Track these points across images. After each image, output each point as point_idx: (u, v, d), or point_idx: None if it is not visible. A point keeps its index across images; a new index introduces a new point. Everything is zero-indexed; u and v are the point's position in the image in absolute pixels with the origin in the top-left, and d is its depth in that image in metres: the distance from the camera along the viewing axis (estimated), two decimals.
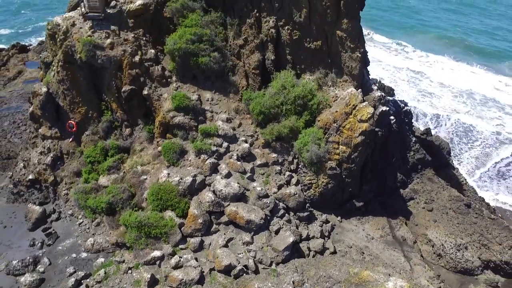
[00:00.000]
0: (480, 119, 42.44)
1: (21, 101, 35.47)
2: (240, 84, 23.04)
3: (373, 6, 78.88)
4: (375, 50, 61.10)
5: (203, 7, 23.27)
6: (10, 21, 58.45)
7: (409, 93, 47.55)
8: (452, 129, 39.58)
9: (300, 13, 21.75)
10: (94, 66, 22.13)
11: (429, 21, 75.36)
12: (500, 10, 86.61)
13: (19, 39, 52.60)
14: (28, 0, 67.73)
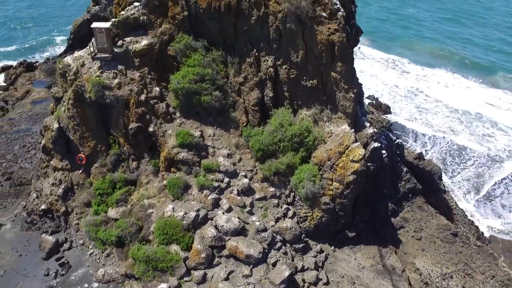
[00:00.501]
0: (473, 136, 43.60)
1: (30, 123, 36.95)
2: (240, 120, 24.41)
3: (371, 15, 79.94)
4: (372, 63, 62.26)
5: (205, 45, 24.62)
6: (14, 37, 59.51)
7: (406, 109, 48.62)
8: (446, 148, 40.78)
9: (297, 54, 23.06)
10: (103, 104, 23.56)
11: (426, 32, 76.15)
12: (496, 18, 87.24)
13: (24, 55, 53.93)
14: (30, 15, 68.71)
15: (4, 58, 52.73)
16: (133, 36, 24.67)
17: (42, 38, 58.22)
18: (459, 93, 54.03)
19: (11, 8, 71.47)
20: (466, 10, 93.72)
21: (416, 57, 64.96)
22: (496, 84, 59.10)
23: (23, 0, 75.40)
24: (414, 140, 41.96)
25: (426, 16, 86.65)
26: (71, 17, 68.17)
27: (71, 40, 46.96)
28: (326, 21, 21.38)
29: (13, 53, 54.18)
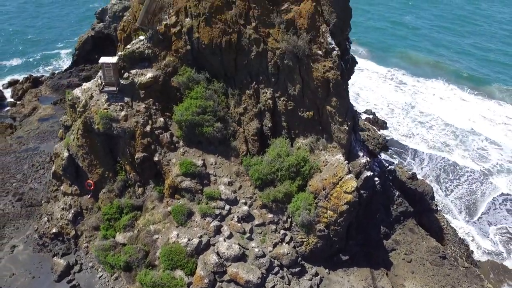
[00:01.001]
0: (467, 152, 44.75)
1: (37, 141, 38.28)
2: (240, 149, 25.73)
3: (369, 25, 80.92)
4: (370, 74, 63.40)
5: (207, 77, 25.90)
6: (18, 50, 60.31)
7: (402, 124, 49.69)
8: (440, 165, 41.88)
9: (294, 87, 24.33)
10: (110, 135, 24.92)
11: (423, 41, 77.13)
12: (493, 26, 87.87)
13: (29, 68, 55.00)
14: (34, 28, 69.58)
15: (10, 72, 53.73)
16: (138, 69, 26.03)
17: (46, 52, 59.11)
18: (454, 106, 55.20)
19: (15, 22, 72.26)
20: (464, 17, 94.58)
21: (412, 68, 66.07)
22: (491, 95, 60.18)
23: (25, 13, 76.09)
24: (409, 157, 43.01)
25: (423, 24, 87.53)
26: (75, 30, 69.56)
27: (76, 56, 48.21)
28: (321, 59, 22.66)
29: (18, 67, 55.17)
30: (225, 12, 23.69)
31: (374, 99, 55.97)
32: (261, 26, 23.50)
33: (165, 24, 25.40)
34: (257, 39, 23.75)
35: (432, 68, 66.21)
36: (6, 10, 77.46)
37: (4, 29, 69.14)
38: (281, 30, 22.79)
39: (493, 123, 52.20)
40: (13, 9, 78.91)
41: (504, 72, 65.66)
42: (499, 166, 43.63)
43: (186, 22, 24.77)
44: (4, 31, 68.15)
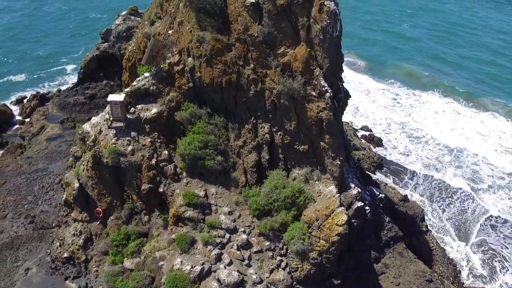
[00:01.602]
0: (460, 169, 46.30)
1: (46, 161, 40.05)
2: (239, 179, 27.40)
3: (366, 38, 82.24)
4: (367, 87, 64.95)
5: (208, 112, 27.54)
6: (23, 65, 61.61)
7: (397, 140, 51.21)
8: (433, 184, 43.38)
9: (290, 123, 25.94)
10: (118, 168, 26.61)
11: (420, 52, 78.59)
12: (489, 36, 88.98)
13: (34, 84, 56.67)
14: (38, 43, 70.89)
15: (16, 88, 55.34)
16: (144, 104, 27.71)
17: (52, 68, 60.72)
18: (449, 120, 56.83)
19: (19, 37, 73.34)
20: (461, 25, 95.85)
21: (409, 80, 67.83)
22: (486, 107, 61.79)
23: (28, 28, 77.23)
24: (403, 175, 44.54)
25: (420, 34, 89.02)
26: (79, 45, 71.12)
27: (81, 74, 49.76)
28: (315, 100, 24.26)
29: (24, 83, 56.78)
30: (225, 54, 25.30)
31: (372, 113, 57.64)
32: (259, 67, 25.11)
33: (169, 62, 27.04)
34: (255, 79, 25.37)
35: (428, 80, 67.98)
36: (7, 26, 78.71)
37: (7, 44, 70.35)
38: (278, 72, 24.44)
39: (486, 137, 53.78)
40: (15, 24, 79.99)
41: (498, 86, 67.16)
42: (491, 184, 45.19)
43: (189, 62, 26.41)
44: (7, 46, 69.43)
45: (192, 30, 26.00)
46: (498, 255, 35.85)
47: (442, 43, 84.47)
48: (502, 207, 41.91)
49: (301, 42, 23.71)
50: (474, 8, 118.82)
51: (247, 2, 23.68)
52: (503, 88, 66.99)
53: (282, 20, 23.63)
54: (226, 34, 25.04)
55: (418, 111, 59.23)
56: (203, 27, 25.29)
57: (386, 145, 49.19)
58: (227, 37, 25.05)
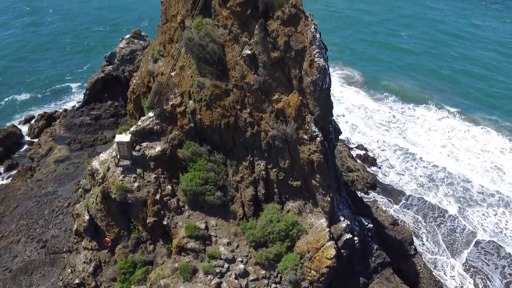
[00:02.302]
0: (451, 187, 48.07)
1: (55, 184, 42.16)
2: (238, 212, 29.47)
3: (363, 50, 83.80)
4: (362, 102, 66.69)
5: (209, 149, 29.55)
6: (29, 84, 63.34)
7: (392, 158, 53.10)
8: (423, 205, 45.25)
9: (284, 162, 27.94)
10: (126, 203, 28.69)
11: (415, 65, 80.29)
12: (485, 52, 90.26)
13: (40, 103, 58.74)
14: (42, 60, 72.61)
15: (23, 107, 57.35)
16: (148, 142, 29.74)
17: (57, 86, 62.67)
18: (441, 137, 58.58)
19: (22, 55, 74.64)
20: (456, 36, 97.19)
21: (403, 95, 69.48)
22: (478, 122, 63.53)
23: (30, 46, 78.55)
24: (395, 195, 46.47)
25: (415, 46, 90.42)
26: (83, 61, 72.93)
27: (87, 96, 51.78)
28: (307, 143, 26.24)
29: (31, 102, 58.75)
30: (224, 99, 27.28)
31: (368, 129, 59.49)
32: (255, 111, 27.08)
33: (171, 104, 29.05)
34: (251, 122, 27.35)
35: (422, 94, 69.83)
36: (8, 43, 79.89)
37: (10, 62, 71.63)
38: (272, 117, 26.41)
39: (478, 155, 55.58)
40: (15, 41, 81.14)
41: (490, 101, 68.66)
42: (481, 202, 47.07)
43: (190, 105, 28.42)
44: (10, 65, 70.79)
45: (193, 75, 27.98)
46: (483, 274, 37.97)
47: (436, 55, 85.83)
48: (491, 227, 43.76)
49: (294, 90, 25.67)
50: (470, 16, 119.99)
51: (244, 53, 25.62)
52: (495, 103, 68.56)
53: (276, 70, 25.59)
54: (225, 81, 27.02)
55: (412, 127, 61.03)
56: (203, 74, 27.27)
57: (381, 164, 51.13)
58: (225, 84, 27.03)
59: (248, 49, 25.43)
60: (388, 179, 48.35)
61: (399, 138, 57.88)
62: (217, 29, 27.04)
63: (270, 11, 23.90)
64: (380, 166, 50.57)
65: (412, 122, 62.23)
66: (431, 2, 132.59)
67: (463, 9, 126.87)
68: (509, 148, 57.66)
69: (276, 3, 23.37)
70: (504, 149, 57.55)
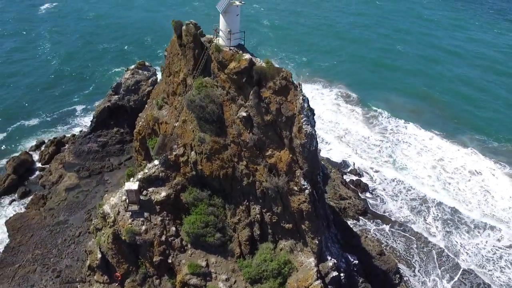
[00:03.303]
0: (440, 212, 50.70)
1: (66, 213, 45.21)
2: (235, 250, 32.50)
3: (357, 71, 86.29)
4: (355, 121, 69.45)
5: (209, 194, 32.53)
6: (35, 108, 65.63)
7: (383, 182, 55.71)
8: (413, 232, 47.99)
9: (277, 207, 30.92)
10: (135, 243, 31.75)
11: (408, 80, 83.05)
12: (478, 71, 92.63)
13: (48, 127, 61.38)
14: (44, 84, 74.33)
15: (31, 132, 60.00)
16: (154, 187, 32.75)
17: (63, 109, 65.31)
18: (431, 160, 61.27)
19: (26, 79, 76.25)
20: (447, 51, 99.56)
21: (396, 113, 72.10)
22: (465, 144, 66.15)
23: (33, 68, 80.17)
24: (385, 222, 49.12)
25: (407, 61, 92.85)
26: (89, 83, 75.55)
27: (94, 123, 54.63)
28: (297, 193, 29.21)
29: (38, 127, 61.43)
30: (222, 152, 30.22)
31: (362, 152, 62.08)
32: (251, 164, 30.02)
33: (175, 154, 32.00)
34: (247, 173, 30.30)
35: (413, 114, 72.33)
36: (15, 71, 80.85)
37: (15, 84, 73.62)
38: (265, 170, 29.34)
39: (466, 179, 58.20)
40: (17, 62, 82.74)
41: (478, 123, 71.33)
42: (467, 231, 49.61)
43: (192, 156, 31.37)
44: (15, 86, 72.87)
45: (194, 130, 30.89)
46: None
47: (427, 74, 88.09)
48: (480, 255, 46.09)
49: (285, 147, 28.60)
50: (464, 28, 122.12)
51: (240, 114, 28.53)
52: (482, 124, 70.92)
53: (269, 130, 28.49)
54: (223, 137, 29.95)
55: (403, 149, 63.60)
56: (203, 130, 30.19)
57: (373, 188, 53.85)
58: (223, 139, 29.97)
59: (244, 111, 28.35)
60: (379, 205, 51.19)
61: (389, 163, 60.10)
62: (216, 88, 29.96)
63: (263, 81, 26.78)
64: (372, 190, 53.43)
65: (403, 143, 64.91)
66: (424, 13, 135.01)
67: (457, 20, 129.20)
68: (498, 172, 60.23)
69: (268, 75, 26.24)
70: (493, 171, 60.12)
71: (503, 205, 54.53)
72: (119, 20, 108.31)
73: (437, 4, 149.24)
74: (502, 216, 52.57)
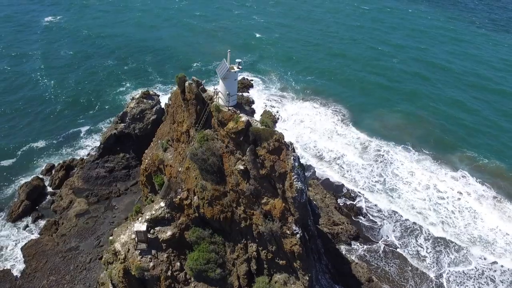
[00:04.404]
0: (427, 242, 53.45)
1: (77, 240, 48.51)
2: (234, 284, 35.80)
3: (350, 91, 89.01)
4: (347, 145, 72.29)
5: (210, 232, 35.75)
6: (41, 131, 68.42)
7: (374, 208, 58.46)
8: (402, 258, 50.89)
9: (272, 247, 34.16)
10: (143, 278, 35.05)
11: (400, 99, 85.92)
12: (476, 80, 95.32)
13: (56, 149, 64.35)
14: (49, 104, 77.08)
15: (40, 155, 63.06)
16: (161, 226, 35.99)
17: (69, 131, 68.30)
18: (417, 183, 64.04)
19: (32, 99, 78.54)
20: (441, 67, 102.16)
21: (387, 134, 74.99)
22: (454, 165, 69.05)
23: (37, 91, 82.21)
24: (376, 247, 52.02)
25: (398, 79, 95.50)
26: (94, 103, 78.29)
27: (101, 149, 57.76)
28: (289, 236, 32.42)
29: (46, 149, 64.41)
30: (222, 199, 33.41)
31: (357, 174, 65.07)
32: (248, 209, 33.22)
33: (179, 198, 35.19)
34: (245, 217, 33.51)
35: (403, 134, 75.31)
36: (20, 97, 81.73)
37: (21, 107, 75.92)
38: (261, 216, 32.52)
39: (455, 202, 61.01)
40: (22, 84, 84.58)
41: (468, 140, 74.33)
42: (449, 265, 52.56)
43: (195, 200, 34.57)
44: (21, 109, 75.24)
45: (197, 177, 34.06)
46: None
47: (418, 93, 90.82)
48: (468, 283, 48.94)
49: (279, 197, 31.76)
50: (459, 40, 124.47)
51: (238, 167, 31.66)
52: (473, 143, 73.78)
53: (264, 181, 31.64)
54: (223, 185, 33.12)
55: (393, 169, 66.61)
56: (205, 178, 33.34)
57: (365, 212, 56.92)
58: (223, 187, 33.14)
59: (241, 165, 31.49)
60: (372, 228, 54.36)
61: (380, 184, 63.09)
62: (216, 141, 33.08)
63: (259, 141, 29.88)
64: (365, 214, 56.53)
65: (395, 163, 67.90)
66: (421, 23, 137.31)
67: (454, 32, 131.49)
68: (488, 193, 63.25)
69: (263, 136, 29.33)
70: (482, 194, 63.11)
71: (490, 225, 57.59)
72: (121, 39, 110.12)
73: (433, 13, 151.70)
74: (489, 236, 55.63)
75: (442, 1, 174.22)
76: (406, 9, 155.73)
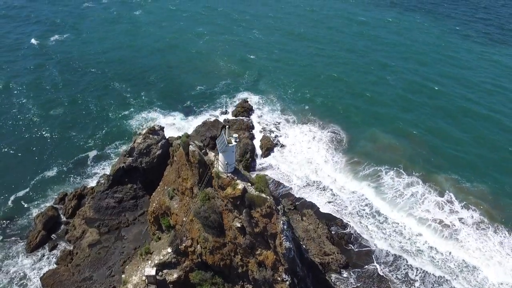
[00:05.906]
0: (419, 275, 58.51)
1: (91, 270, 53.25)
2: None
3: (348, 109, 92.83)
4: (340, 169, 76.41)
5: (212, 274, 40.44)
6: (50, 158, 72.68)
7: (367, 233, 63.21)
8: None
9: None
10: None
11: (391, 119, 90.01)
12: (468, 93, 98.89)
13: (67, 178, 68.75)
14: (55, 131, 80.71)
15: (51, 184, 67.40)
16: (168, 269, 40.71)
17: (78, 156, 72.89)
18: (409, 208, 68.30)
19: (37, 130, 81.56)
20: (435, 82, 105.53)
21: (377, 157, 78.90)
22: (442, 187, 73.13)
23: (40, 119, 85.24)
24: (365, 274, 56.54)
25: (391, 95, 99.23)
26: (99, 127, 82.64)
27: (111, 181, 62.28)
28: (280, 282, 37.11)
29: (57, 178, 68.93)
30: (222, 249, 38.08)
31: (348, 200, 69.32)
32: (244, 258, 37.88)
33: (184, 245, 39.85)
34: (241, 264, 38.21)
35: (394, 156, 79.28)
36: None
37: (30, 134, 79.71)
38: (256, 265, 37.17)
39: (451, 234, 64.97)
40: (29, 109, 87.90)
41: (455, 162, 78.40)
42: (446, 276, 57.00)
43: (198, 249, 39.23)
44: (30, 136, 79.22)
45: (200, 229, 38.68)
46: None
47: (410, 109, 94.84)
48: None
49: (271, 250, 36.37)
50: (456, 51, 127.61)
51: (235, 224, 36.24)
52: (462, 165, 77.88)
53: (258, 237, 36.27)
54: (222, 237, 37.76)
55: (383, 197, 70.74)
56: (207, 232, 37.96)
57: (354, 240, 61.38)
58: (223, 239, 37.79)
59: (238, 222, 36.07)
60: (360, 256, 58.71)
61: (369, 209, 67.51)
62: (217, 199, 37.61)
63: (253, 206, 34.42)
64: (354, 242, 60.97)
65: (383, 190, 71.96)
66: (420, 36, 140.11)
67: (451, 44, 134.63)
68: (476, 215, 67.55)
69: (257, 203, 33.87)
70: (467, 216, 67.47)
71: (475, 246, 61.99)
72: (124, 60, 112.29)
73: (433, 27, 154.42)
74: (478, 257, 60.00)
75: (441, 17, 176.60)
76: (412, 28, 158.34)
